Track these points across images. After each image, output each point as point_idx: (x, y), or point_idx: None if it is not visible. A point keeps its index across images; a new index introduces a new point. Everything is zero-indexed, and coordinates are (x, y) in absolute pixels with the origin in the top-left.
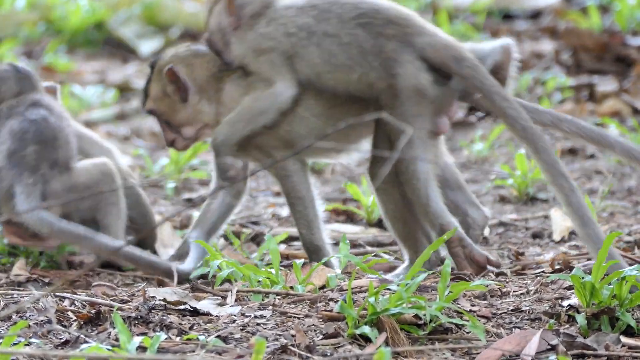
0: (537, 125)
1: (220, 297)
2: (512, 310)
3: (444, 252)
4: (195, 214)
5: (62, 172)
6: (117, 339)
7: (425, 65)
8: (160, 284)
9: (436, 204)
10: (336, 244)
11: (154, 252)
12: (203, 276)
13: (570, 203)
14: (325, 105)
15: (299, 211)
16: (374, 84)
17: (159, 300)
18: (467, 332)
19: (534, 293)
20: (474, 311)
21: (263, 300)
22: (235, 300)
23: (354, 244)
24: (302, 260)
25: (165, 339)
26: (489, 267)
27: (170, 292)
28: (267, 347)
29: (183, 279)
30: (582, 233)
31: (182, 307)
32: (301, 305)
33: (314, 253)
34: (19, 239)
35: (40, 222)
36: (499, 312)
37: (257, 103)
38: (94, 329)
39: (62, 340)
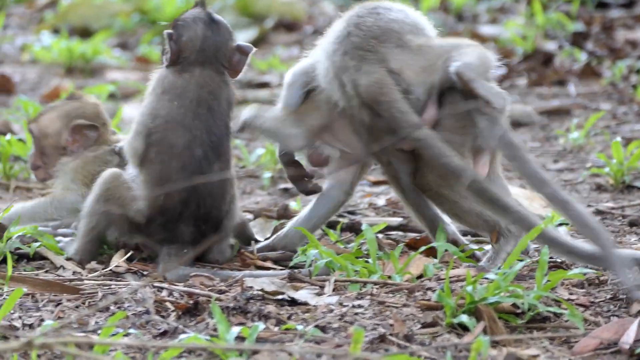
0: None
1: (317, 287)
2: (610, 298)
3: None
4: (292, 204)
5: None
6: (215, 329)
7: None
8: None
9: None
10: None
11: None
12: (300, 266)
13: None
14: None
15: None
16: None
17: (257, 290)
18: (565, 321)
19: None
20: (572, 300)
21: (360, 290)
22: (333, 290)
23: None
24: (400, 249)
25: (264, 328)
26: None
27: (267, 282)
28: (366, 336)
29: None
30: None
31: (279, 297)
32: (399, 295)
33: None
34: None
35: None
36: (597, 300)
37: None
38: (192, 319)
39: (161, 331)
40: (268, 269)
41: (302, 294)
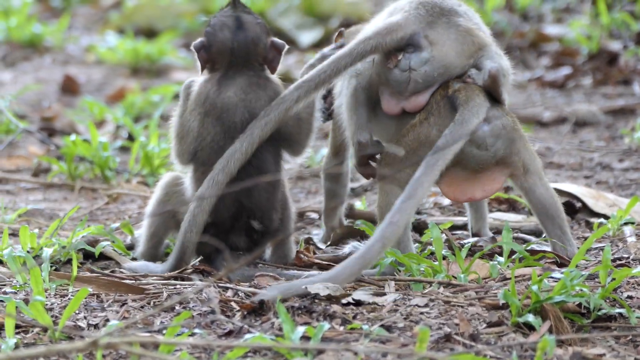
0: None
1: (382, 287)
2: None
3: None
4: (357, 204)
5: None
6: (280, 329)
7: None
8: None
9: None
10: (498, 232)
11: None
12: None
13: None
14: None
15: None
16: None
17: (322, 295)
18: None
19: None
20: (638, 298)
21: (425, 289)
22: (398, 290)
23: (515, 233)
24: (466, 248)
25: (329, 328)
26: None
27: (332, 287)
28: (431, 335)
29: None
30: None
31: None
32: (464, 294)
33: None
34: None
35: None
36: None
37: None
38: (258, 319)
39: (226, 331)
40: (329, 268)
41: (367, 294)
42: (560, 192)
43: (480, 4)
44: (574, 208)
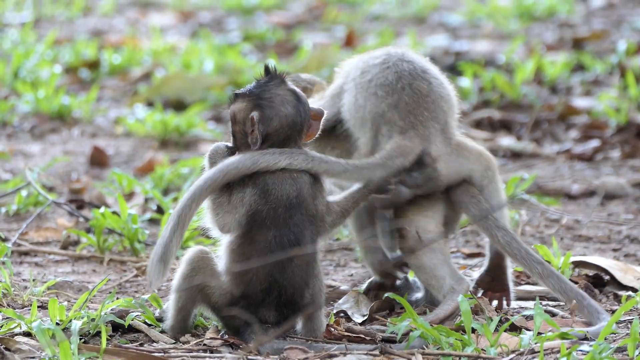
0: None
1: None
2: None
3: None
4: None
5: None
6: None
7: None
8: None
9: None
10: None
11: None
12: (390, 339)
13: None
14: None
15: None
16: None
17: None
18: None
19: None
20: None
21: None
22: None
23: (545, 306)
24: (496, 322)
25: None
26: None
27: (365, 357)
28: None
29: None
30: None
31: None
32: None
33: None
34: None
35: None
36: None
37: None
38: None
39: None
40: (359, 341)
41: None
42: (588, 265)
43: (509, 77)
44: (602, 281)
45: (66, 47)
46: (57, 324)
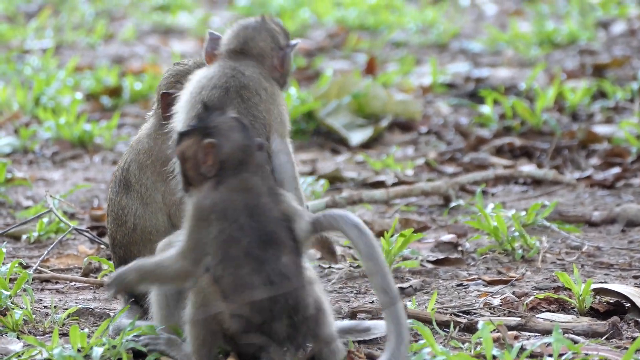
0: None
1: None
2: None
3: None
4: (408, 303)
5: None
6: None
7: None
8: None
9: None
10: (548, 332)
11: None
12: None
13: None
14: None
15: None
16: None
17: None
18: None
19: None
20: None
21: None
22: None
23: (566, 334)
24: (517, 350)
25: None
26: None
27: None
28: None
29: None
30: None
31: None
32: None
33: None
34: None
35: None
36: None
37: None
38: None
39: None
40: None
41: None
42: (609, 292)
43: (530, 104)
44: (623, 308)
45: (87, 74)
46: (79, 350)
